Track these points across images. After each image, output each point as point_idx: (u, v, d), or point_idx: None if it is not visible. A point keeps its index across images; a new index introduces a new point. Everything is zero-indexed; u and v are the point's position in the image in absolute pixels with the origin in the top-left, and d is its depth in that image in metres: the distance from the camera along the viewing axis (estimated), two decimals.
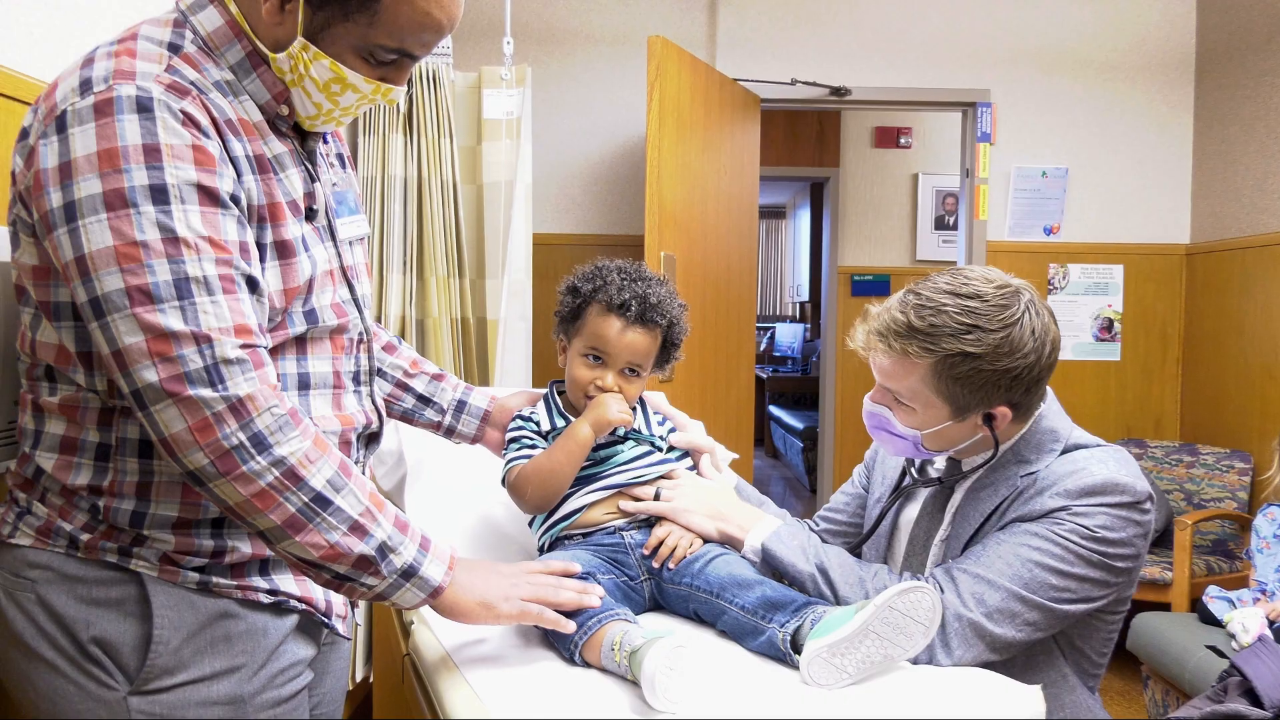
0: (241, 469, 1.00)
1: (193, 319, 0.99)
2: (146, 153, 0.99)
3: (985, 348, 1.32)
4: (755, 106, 4.13)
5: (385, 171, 3.07)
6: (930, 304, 1.35)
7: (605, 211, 4.31)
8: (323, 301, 1.19)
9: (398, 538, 1.09)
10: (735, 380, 3.99)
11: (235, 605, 1.14)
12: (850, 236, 5.41)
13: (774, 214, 10.54)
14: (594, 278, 1.46)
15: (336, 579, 1.08)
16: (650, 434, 1.48)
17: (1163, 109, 4.41)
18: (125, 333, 0.98)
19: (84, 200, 0.98)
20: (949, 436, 1.40)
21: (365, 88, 1.15)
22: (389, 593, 1.10)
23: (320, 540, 1.05)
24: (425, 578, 1.11)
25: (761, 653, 1.23)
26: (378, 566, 1.08)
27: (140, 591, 1.10)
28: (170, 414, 0.99)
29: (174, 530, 1.11)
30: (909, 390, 1.37)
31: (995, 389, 1.34)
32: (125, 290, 0.98)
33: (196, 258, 1.00)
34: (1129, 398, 4.43)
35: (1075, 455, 1.38)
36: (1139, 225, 4.43)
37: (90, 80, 1.01)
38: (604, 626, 1.18)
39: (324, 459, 1.05)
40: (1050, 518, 1.31)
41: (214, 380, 0.99)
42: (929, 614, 1.14)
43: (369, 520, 1.07)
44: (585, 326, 1.44)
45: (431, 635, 1.32)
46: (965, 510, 1.42)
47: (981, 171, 4.34)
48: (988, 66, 4.37)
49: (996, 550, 1.31)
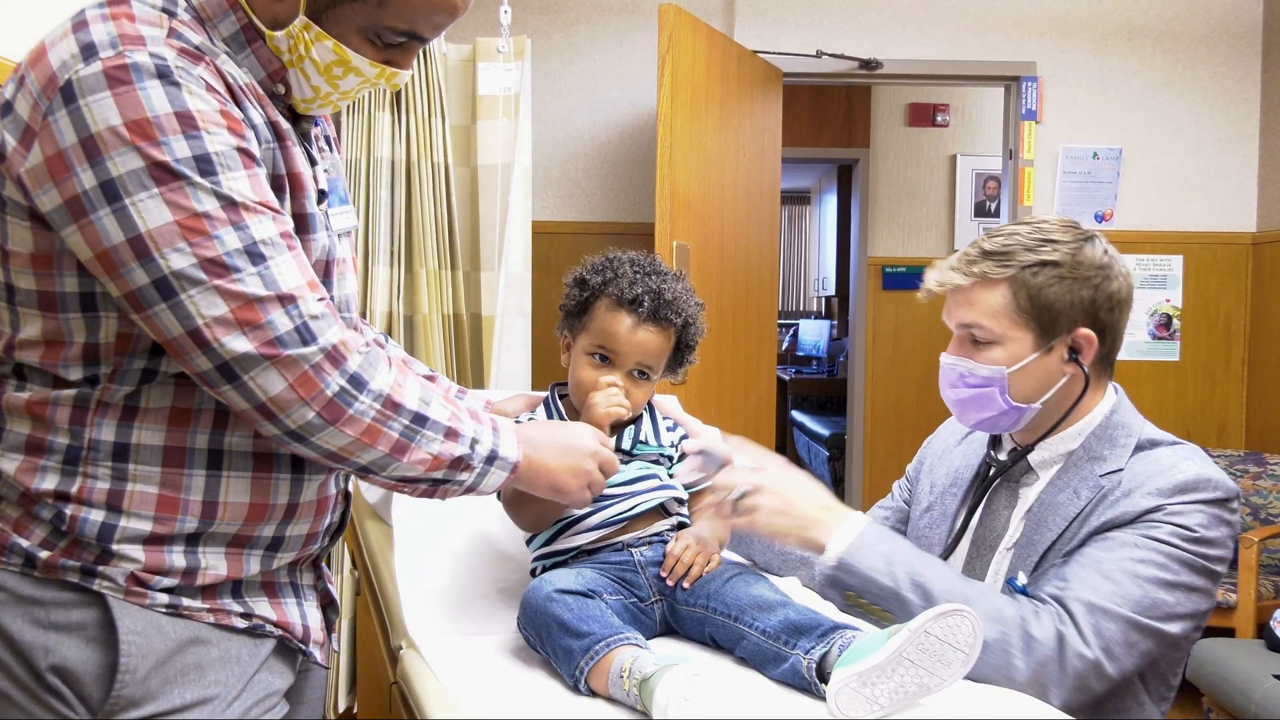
0: (348, 412, 1.07)
1: (272, 283, 1.04)
2: (181, 121, 1.01)
3: (1062, 255, 1.43)
4: (777, 81, 4.13)
5: (371, 153, 3.07)
6: (1000, 232, 1.48)
7: (612, 197, 4.32)
8: (344, 290, 1.24)
9: (478, 428, 1.19)
10: (754, 382, 3.99)
11: (208, 630, 1.14)
12: (881, 225, 5.40)
13: (797, 200, 10.52)
14: (604, 269, 1.46)
15: (433, 485, 1.17)
16: (659, 443, 1.48)
17: (1227, 83, 4.39)
18: (206, 307, 1.01)
19: (126, 177, 1.00)
20: (1036, 376, 1.46)
21: (369, 71, 1.17)
22: (477, 483, 1.20)
23: (424, 455, 1.13)
24: (505, 457, 1.21)
25: (785, 682, 1.23)
26: (470, 461, 1.17)
27: (104, 615, 1.09)
28: (268, 377, 1.04)
29: (145, 545, 1.11)
30: (990, 316, 1.44)
31: (1077, 304, 1.43)
32: (199, 264, 1.01)
33: (258, 220, 1.04)
34: (1189, 401, 4.42)
35: (1157, 453, 1.42)
36: (1200, 212, 4.41)
37: (93, 45, 1.01)
38: (612, 651, 1.18)
39: (408, 378, 1.13)
40: (1146, 521, 1.35)
41: (305, 337, 1.05)
42: (969, 640, 1.14)
43: (457, 422, 1.16)
44: (592, 322, 1.44)
45: (422, 661, 1.32)
46: (1042, 515, 1.45)
47: (1026, 152, 4.33)
48: (1033, 36, 4.36)
49: (1099, 569, 1.33)
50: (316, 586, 1.31)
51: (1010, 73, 4.33)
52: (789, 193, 10.10)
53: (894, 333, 5.39)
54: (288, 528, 1.20)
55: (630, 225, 4.25)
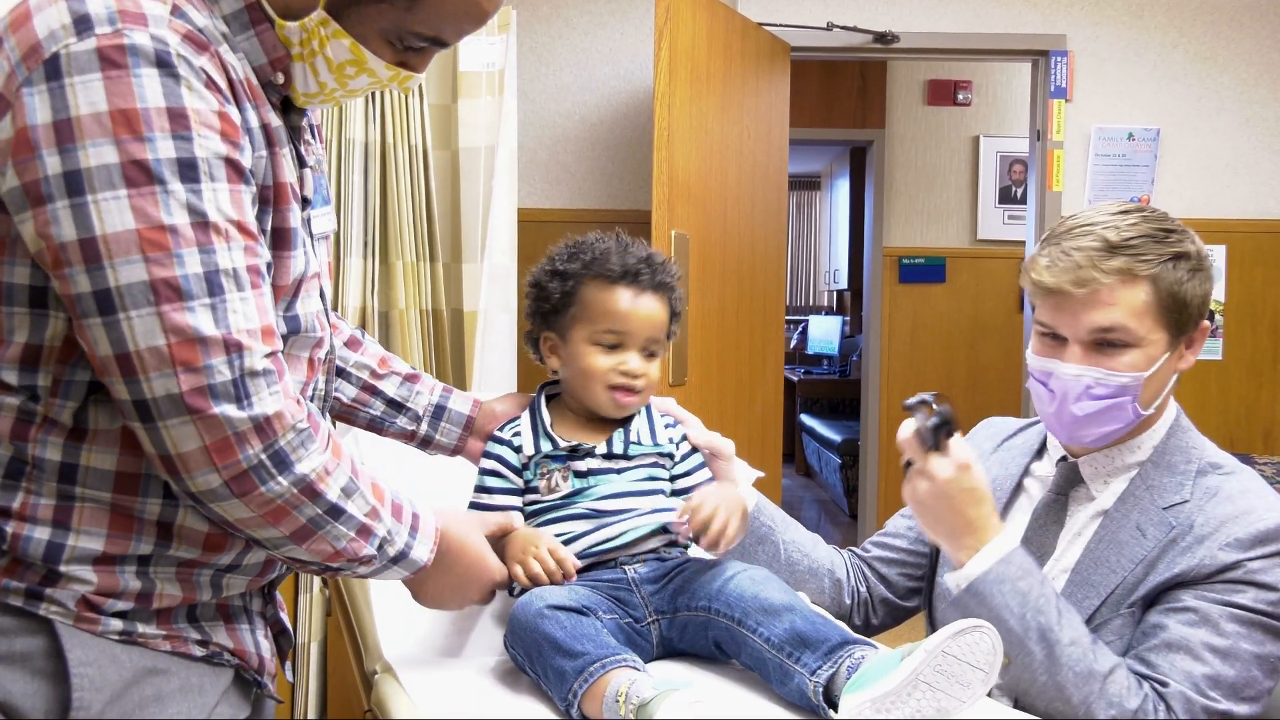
0: (259, 490, 1.05)
1: (223, 320, 1.01)
2: (172, 118, 0.99)
3: (1188, 247, 1.45)
4: (785, 56, 4.13)
5: (342, 135, 3.07)
6: (1099, 223, 1.45)
7: (605, 182, 4.32)
8: (308, 308, 1.21)
9: (395, 528, 1.18)
10: (760, 384, 4.00)
11: (165, 659, 1.13)
12: (898, 212, 5.41)
13: (807, 185, 10.53)
14: (578, 254, 1.49)
15: (325, 570, 1.16)
16: (654, 442, 1.49)
17: (1274, 56, 4.40)
18: (144, 334, 0.99)
19: (95, 171, 0.98)
20: (1162, 380, 1.47)
21: (383, 74, 1.18)
22: (374, 575, 1.21)
23: (326, 548, 1.12)
24: (414, 559, 1.21)
25: (791, 701, 1.24)
26: (373, 558, 1.17)
27: (51, 644, 1.07)
28: (185, 431, 1.01)
29: (96, 566, 1.08)
30: (1135, 318, 1.42)
31: (1203, 298, 1.46)
32: (150, 283, 0.98)
33: (226, 246, 1.02)
34: (1233, 404, 4.43)
35: (1226, 489, 1.43)
36: (1245, 197, 4.43)
37: (88, 18, 0.99)
38: (608, 673, 1.19)
39: (339, 466, 1.12)
40: (1226, 582, 1.36)
41: (240, 396, 1.02)
42: (989, 658, 1.15)
43: (374, 520, 1.15)
44: (587, 309, 1.46)
45: (399, 688, 1.32)
46: (1102, 554, 1.45)
47: (1055, 133, 4.34)
48: (1063, 7, 4.37)
49: (1189, 649, 1.35)
50: (265, 613, 1.30)
51: (1038, 46, 4.34)
52: (797, 177, 10.11)
53: (911, 330, 5.40)
54: (246, 556, 1.19)
55: (625, 213, 4.25)
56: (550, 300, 1.48)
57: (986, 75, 5.40)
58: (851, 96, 5.79)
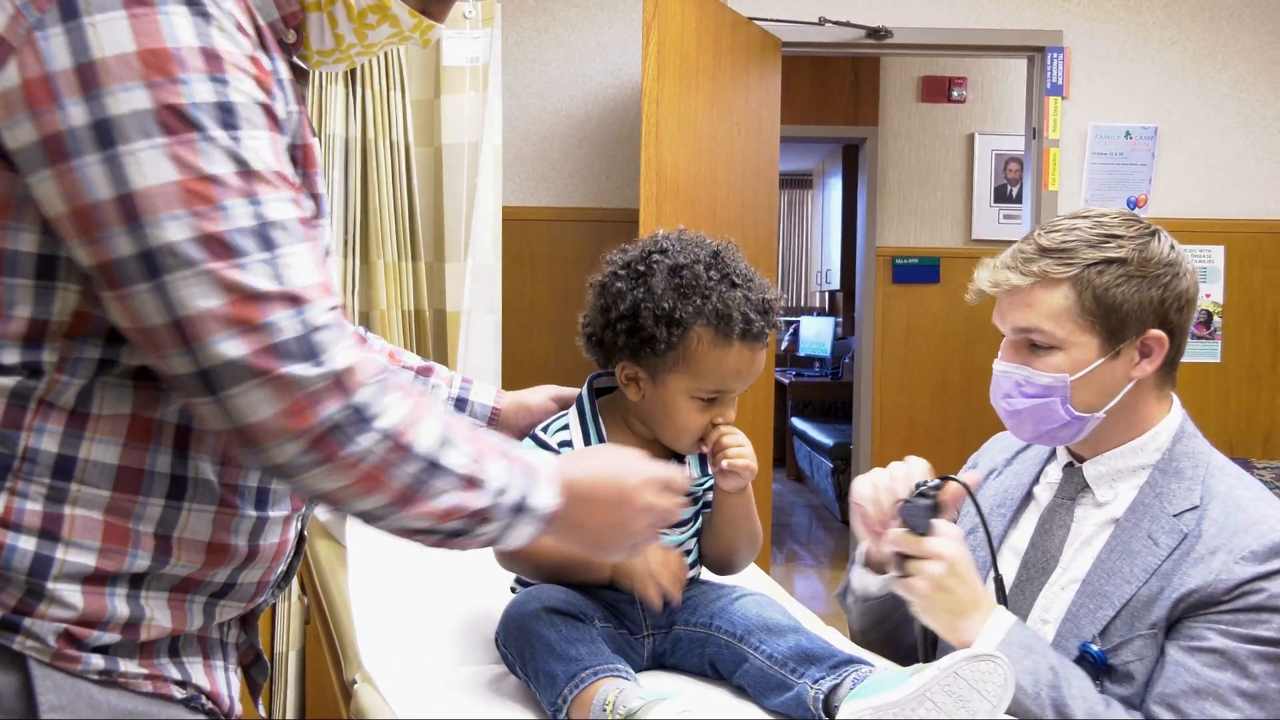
0: (342, 452, 0.96)
1: (280, 275, 0.94)
2: (207, 59, 0.93)
3: (1128, 252, 1.45)
4: (776, 52, 4.14)
5: (322, 130, 3.07)
6: (1058, 227, 1.50)
7: (591, 180, 4.32)
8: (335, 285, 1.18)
9: (507, 472, 1.08)
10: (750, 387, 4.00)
11: (145, 702, 1.04)
12: (891, 211, 5.42)
13: (798, 183, 10.55)
14: (692, 290, 1.34)
15: (446, 537, 1.06)
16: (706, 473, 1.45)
17: (1275, 54, 4.43)
18: (196, 295, 0.91)
19: (126, 118, 0.90)
20: (1100, 383, 1.47)
21: (406, 21, 1.13)
22: (500, 537, 1.09)
23: (435, 507, 1.03)
24: (536, 508, 1.10)
25: (784, 712, 1.24)
26: (492, 511, 1.06)
27: (22, 682, 0.98)
28: (254, 397, 0.93)
29: (85, 586, 1.00)
30: (1051, 320, 1.46)
31: (1147, 304, 1.45)
32: (197, 239, 0.91)
33: (274, 196, 0.96)
34: (1232, 408, 4.45)
35: (1236, 496, 1.44)
36: (1244, 197, 4.45)
37: None
38: (598, 681, 1.19)
39: (427, 413, 1.03)
40: (1247, 611, 1.36)
41: (309, 352, 0.94)
42: (998, 690, 1.16)
43: (479, 467, 1.05)
44: (693, 364, 1.35)
45: (379, 697, 1.32)
46: (1114, 564, 1.45)
47: (1052, 131, 4.35)
48: (1060, 3, 4.39)
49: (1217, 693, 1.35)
50: (239, 643, 1.22)
51: (1034, 42, 4.36)
52: (789, 175, 10.13)
53: (905, 331, 5.41)
54: (242, 574, 1.11)
55: (611, 211, 4.25)
56: (644, 335, 1.35)
57: (982, 72, 5.42)
58: (844, 93, 5.81)
